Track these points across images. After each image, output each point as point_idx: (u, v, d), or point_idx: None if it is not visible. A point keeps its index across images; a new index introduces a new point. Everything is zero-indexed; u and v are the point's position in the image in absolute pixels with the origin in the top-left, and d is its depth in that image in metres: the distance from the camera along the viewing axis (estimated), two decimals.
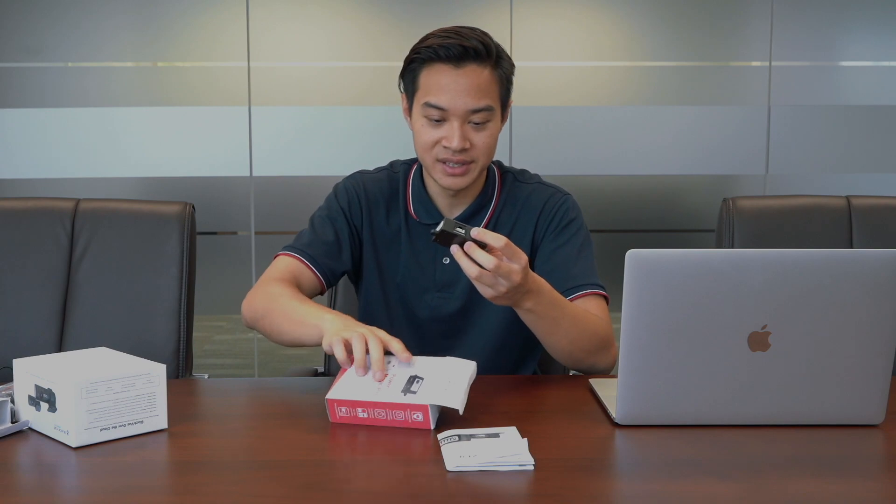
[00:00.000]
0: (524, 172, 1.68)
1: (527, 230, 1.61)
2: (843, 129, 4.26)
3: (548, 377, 1.61)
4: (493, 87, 1.51)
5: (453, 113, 1.48)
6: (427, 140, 1.51)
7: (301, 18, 4.15)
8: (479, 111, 1.49)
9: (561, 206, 1.61)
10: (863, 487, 1.05)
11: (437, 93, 1.48)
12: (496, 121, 1.53)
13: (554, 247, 1.58)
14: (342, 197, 1.63)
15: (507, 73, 1.55)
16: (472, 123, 1.50)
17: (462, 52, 1.47)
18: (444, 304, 1.61)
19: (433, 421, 1.20)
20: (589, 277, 1.56)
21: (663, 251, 1.17)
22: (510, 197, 1.63)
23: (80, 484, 1.09)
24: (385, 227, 1.62)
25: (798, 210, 1.87)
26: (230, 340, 4.38)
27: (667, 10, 4.22)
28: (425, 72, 1.50)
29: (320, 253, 1.58)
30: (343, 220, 1.61)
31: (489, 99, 1.49)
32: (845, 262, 1.18)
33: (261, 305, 1.50)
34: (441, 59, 1.48)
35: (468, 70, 1.48)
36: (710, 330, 1.19)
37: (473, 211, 1.61)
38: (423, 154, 1.54)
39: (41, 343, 1.73)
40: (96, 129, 4.16)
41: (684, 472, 1.09)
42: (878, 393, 1.22)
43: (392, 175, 1.66)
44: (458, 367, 1.28)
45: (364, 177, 1.66)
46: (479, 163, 1.53)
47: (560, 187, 1.67)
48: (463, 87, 1.47)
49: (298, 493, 1.02)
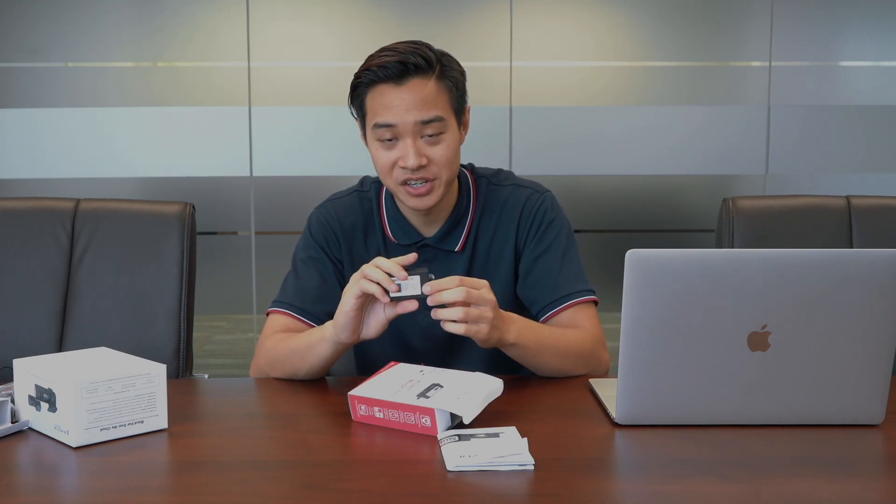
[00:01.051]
0: (498, 173, 1.65)
1: (508, 236, 1.59)
2: (843, 129, 4.26)
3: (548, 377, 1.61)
4: (440, 97, 1.47)
5: (403, 129, 1.46)
6: (385, 163, 1.49)
7: (301, 18, 4.15)
8: (429, 122, 1.46)
9: (540, 206, 1.59)
10: (863, 487, 1.05)
11: (383, 112, 1.46)
12: (452, 132, 1.50)
13: (537, 254, 1.57)
14: (317, 233, 1.60)
15: (456, 81, 1.51)
16: (427, 137, 1.47)
17: (402, 69, 1.45)
18: (435, 324, 1.58)
19: (441, 429, 1.20)
20: (575, 285, 1.55)
21: (663, 251, 1.17)
22: (488, 203, 1.60)
23: (80, 484, 1.09)
24: (364, 254, 1.59)
25: (798, 210, 1.87)
26: (230, 340, 4.38)
27: (667, 10, 4.22)
28: (370, 94, 1.48)
29: (309, 301, 1.56)
30: (324, 258, 1.59)
31: (437, 109, 1.47)
32: (845, 262, 1.18)
33: (265, 361, 1.52)
34: (382, 80, 1.46)
35: (411, 85, 1.46)
36: (710, 330, 1.19)
37: (450, 227, 1.58)
38: (385, 178, 1.52)
39: (41, 343, 1.73)
40: (96, 130, 4.16)
41: (684, 472, 1.09)
42: (878, 393, 1.22)
43: (363, 196, 1.63)
44: (482, 381, 1.28)
45: (336, 204, 1.63)
46: (443, 178, 1.50)
47: (538, 185, 1.64)
48: (408, 101, 1.45)
49: (298, 493, 1.02)
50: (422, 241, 1.57)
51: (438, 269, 1.56)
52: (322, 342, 1.41)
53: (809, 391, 1.22)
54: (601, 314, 1.60)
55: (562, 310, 1.53)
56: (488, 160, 1.76)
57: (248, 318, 4.37)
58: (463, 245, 1.58)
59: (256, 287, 4.28)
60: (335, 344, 1.39)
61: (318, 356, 1.43)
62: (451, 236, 1.58)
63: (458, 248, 1.57)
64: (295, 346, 1.46)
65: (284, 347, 1.48)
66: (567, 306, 1.53)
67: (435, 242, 1.57)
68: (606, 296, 1.84)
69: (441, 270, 1.54)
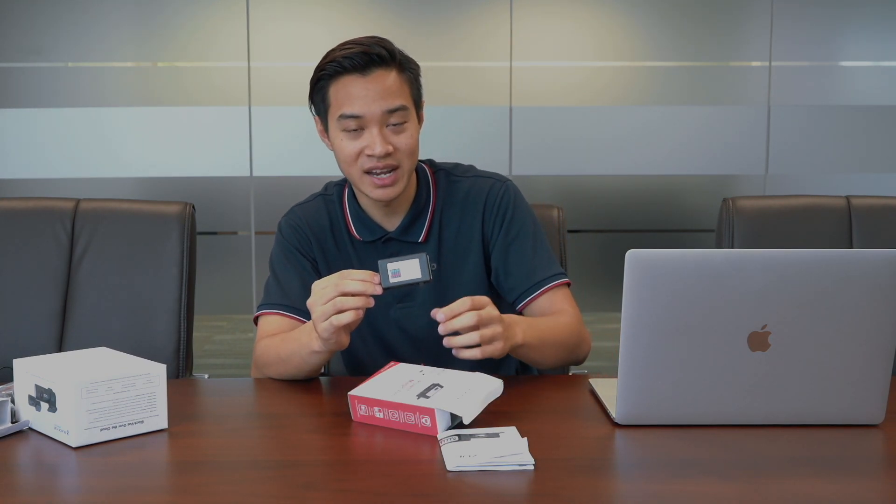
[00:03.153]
0: (457, 167, 1.67)
1: (474, 227, 1.61)
2: (843, 129, 4.27)
3: (548, 377, 1.61)
4: (403, 88, 1.51)
5: (370, 119, 1.49)
6: (349, 153, 1.51)
7: (301, 18, 4.15)
8: (394, 111, 1.49)
9: (503, 196, 1.61)
10: (863, 487, 1.05)
11: (349, 103, 1.49)
12: (413, 121, 1.53)
13: (507, 242, 1.59)
14: (290, 236, 1.62)
15: (415, 74, 1.55)
16: (391, 126, 1.50)
17: (367, 60, 1.48)
18: (408, 317, 1.60)
19: (441, 429, 1.20)
20: (549, 269, 1.58)
21: (663, 251, 1.17)
22: (448, 196, 1.62)
23: (80, 484, 1.09)
24: (336, 255, 1.61)
25: (798, 210, 1.87)
26: (230, 340, 4.38)
27: (667, 11, 4.22)
28: (334, 86, 1.50)
29: (295, 297, 1.57)
30: (300, 257, 1.60)
31: (402, 99, 1.50)
32: (845, 262, 1.18)
33: (259, 365, 1.53)
34: (347, 71, 1.48)
35: (376, 76, 1.48)
36: (710, 330, 1.19)
37: (412, 219, 1.60)
38: (349, 169, 1.53)
39: (41, 343, 1.73)
40: (96, 130, 4.16)
41: (684, 472, 1.09)
42: (878, 393, 1.22)
43: (327, 199, 1.65)
44: (482, 381, 1.29)
45: (303, 209, 1.65)
46: (405, 167, 1.52)
47: (498, 175, 1.66)
48: (374, 92, 1.48)
49: (298, 493, 1.02)
50: (385, 235, 1.60)
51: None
52: (307, 354, 1.41)
53: (809, 391, 1.22)
54: (601, 314, 1.61)
55: (539, 295, 1.57)
56: (488, 160, 1.76)
57: (248, 318, 4.37)
58: (426, 236, 1.59)
59: (256, 287, 4.28)
60: (318, 354, 1.40)
61: (306, 365, 1.44)
62: (413, 228, 1.60)
63: (422, 240, 1.59)
64: (282, 355, 1.47)
65: (273, 355, 1.49)
66: (544, 291, 1.57)
67: (398, 235, 1.59)
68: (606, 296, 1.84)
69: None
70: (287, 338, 1.48)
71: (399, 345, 1.61)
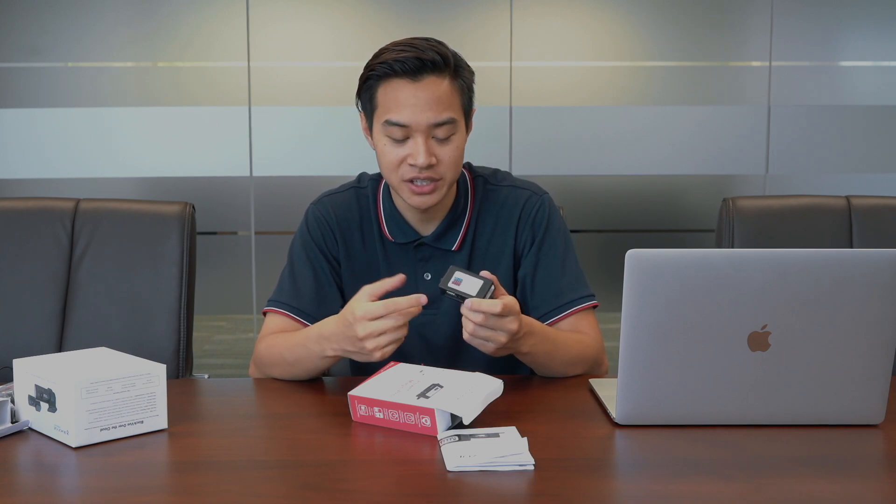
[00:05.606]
0: (496, 174, 1.64)
1: (507, 238, 1.58)
2: (843, 129, 4.26)
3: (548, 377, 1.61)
4: (454, 98, 1.46)
5: (416, 129, 1.44)
6: (392, 160, 1.47)
7: (301, 18, 4.15)
8: (442, 125, 1.45)
9: (539, 209, 1.58)
10: (863, 487, 1.05)
11: (396, 109, 1.44)
12: (460, 133, 1.49)
13: (537, 259, 1.57)
14: (314, 230, 1.59)
15: (468, 82, 1.50)
16: (436, 138, 1.46)
17: (419, 65, 1.43)
18: (431, 324, 1.57)
19: (441, 429, 1.20)
20: (576, 290, 1.55)
21: (663, 251, 1.17)
22: (485, 204, 1.60)
23: (80, 484, 1.09)
24: (362, 252, 1.58)
25: (798, 210, 1.87)
26: (230, 340, 4.38)
27: (667, 10, 4.22)
28: (382, 88, 1.46)
29: (306, 302, 1.55)
30: (320, 257, 1.57)
31: (451, 111, 1.45)
32: (845, 262, 1.18)
33: (260, 363, 1.53)
34: (397, 74, 1.44)
35: (427, 83, 1.44)
36: (710, 330, 1.19)
37: (447, 226, 1.57)
38: (389, 174, 1.50)
39: (41, 343, 1.73)
40: (96, 130, 4.16)
41: (684, 472, 1.09)
42: (878, 393, 1.22)
43: (360, 192, 1.61)
44: (482, 381, 1.28)
45: (332, 200, 1.61)
46: (447, 179, 1.49)
47: (536, 186, 1.63)
48: (423, 101, 1.43)
49: (298, 493, 1.02)
50: (419, 239, 1.57)
51: (436, 268, 1.56)
52: (318, 359, 1.41)
53: (809, 391, 1.22)
54: (601, 314, 1.61)
55: (564, 317, 1.54)
56: (488, 160, 1.76)
57: (248, 318, 4.38)
58: (460, 245, 1.57)
59: (256, 287, 4.28)
60: (329, 358, 1.40)
61: (316, 369, 1.44)
62: (447, 235, 1.57)
63: (455, 248, 1.57)
64: (288, 359, 1.46)
65: (275, 354, 1.48)
66: (571, 313, 1.54)
67: (431, 241, 1.57)
68: (606, 296, 1.84)
69: (439, 270, 1.54)
70: (293, 342, 1.46)
71: (415, 351, 1.57)
